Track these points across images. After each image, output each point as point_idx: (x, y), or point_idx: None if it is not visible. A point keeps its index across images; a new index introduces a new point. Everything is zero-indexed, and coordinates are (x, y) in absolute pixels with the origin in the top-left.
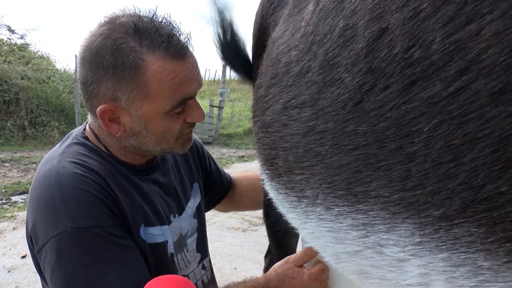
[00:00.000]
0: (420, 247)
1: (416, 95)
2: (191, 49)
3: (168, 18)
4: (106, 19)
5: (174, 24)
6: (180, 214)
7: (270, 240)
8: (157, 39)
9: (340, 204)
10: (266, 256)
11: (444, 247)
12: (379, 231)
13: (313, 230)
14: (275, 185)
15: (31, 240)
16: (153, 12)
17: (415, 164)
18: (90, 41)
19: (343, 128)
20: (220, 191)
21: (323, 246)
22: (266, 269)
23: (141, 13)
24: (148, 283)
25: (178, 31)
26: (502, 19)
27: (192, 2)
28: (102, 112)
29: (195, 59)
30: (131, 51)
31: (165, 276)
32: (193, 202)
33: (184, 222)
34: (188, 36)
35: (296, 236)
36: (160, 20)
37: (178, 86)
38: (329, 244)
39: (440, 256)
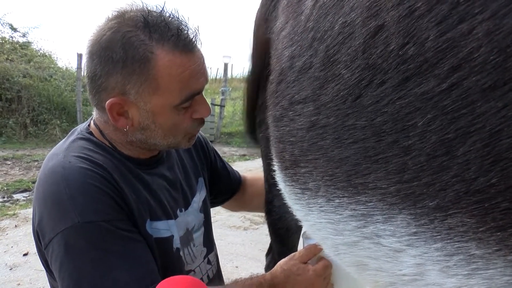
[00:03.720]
0: (416, 237)
1: (410, 90)
2: (199, 44)
3: (176, 14)
4: (115, 14)
5: (182, 19)
6: (186, 208)
7: (271, 237)
8: (166, 32)
9: (341, 195)
10: (267, 255)
11: (438, 237)
12: (377, 222)
13: (314, 222)
14: (283, 177)
15: (38, 236)
16: (161, 8)
17: (410, 157)
18: (99, 35)
19: (343, 122)
20: (228, 188)
21: (324, 238)
22: (267, 267)
23: (149, 8)
24: (160, 283)
25: (186, 26)
26: (492, 19)
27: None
28: (111, 105)
29: (202, 54)
30: (141, 44)
31: (177, 277)
32: (199, 196)
33: (190, 217)
34: (196, 31)
35: (297, 233)
36: (168, 15)
37: (187, 80)
38: (329, 236)
39: (435, 246)
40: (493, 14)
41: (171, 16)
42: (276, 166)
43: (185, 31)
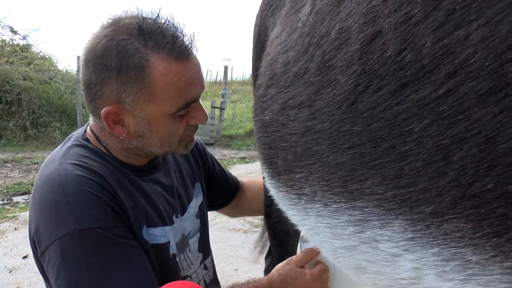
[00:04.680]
0: (413, 242)
1: (407, 96)
2: (194, 51)
3: (171, 20)
4: (110, 21)
5: (177, 26)
6: (182, 214)
7: (270, 241)
8: (161, 40)
9: (337, 201)
10: (266, 257)
11: (435, 242)
12: (374, 227)
13: (312, 226)
14: (276, 183)
15: (34, 243)
16: (156, 14)
17: (407, 162)
18: (94, 43)
19: (339, 128)
20: (226, 192)
21: (322, 241)
22: (266, 270)
23: (144, 15)
24: None
25: (181, 33)
26: (488, 25)
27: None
28: (106, 114)
29: (198, 60)
30: (136, 52)
31: (176, 282)
32: (195, 202)
33: (186, 222)
34: (192, 38)
35: (296, 236)
36: (163, 21)
37: (183, 88)
38: (327, 240)
39: (431, 251)
40: (488, 20)
41: (166, 23)
42: (265, 173)
43: (181, 38)
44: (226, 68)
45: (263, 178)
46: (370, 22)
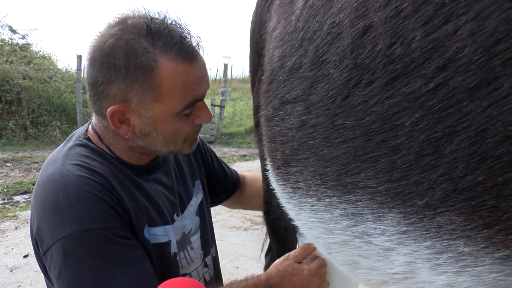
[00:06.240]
0: (406, 235)
1: (398, 90)
2: (201, 52)
3: (178, 20)
4: (117, 20)
5: (184, 26)
6: (182, 212)
7: (270, 237)
8: (170, 40)
9: (331, 194)
10: (266, 255)
11: (428, 235)
12: (367, 221)
13: (306, 221)
14: (276, 177)
15: (36, 243)
16: (163, 14)
17: (399, 156)
18: (101, 42)
19: (333, 122)
20: (225, 188)
21: (315, 237)
22: (266, 267)
23: (151, 15)
24: (159, 286)
25: (189, 33)
26: (476, 20)
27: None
28: (112, 113)
29: (204, 61)
30: (144, 52)
31: (177, 279)
32: (195, 200)
33: (186, 220)
34: (199, 39)
35: (296, 233)
36: (170, 21)
37: (190, 87)
38: (320, 235)
39: (425, 244)
40: (476, 15)
41: (174, 23)
42: (268, 166)
43: (188, 39)
44: (226, 66)
45: (266, 171)
46: (361, 16)
